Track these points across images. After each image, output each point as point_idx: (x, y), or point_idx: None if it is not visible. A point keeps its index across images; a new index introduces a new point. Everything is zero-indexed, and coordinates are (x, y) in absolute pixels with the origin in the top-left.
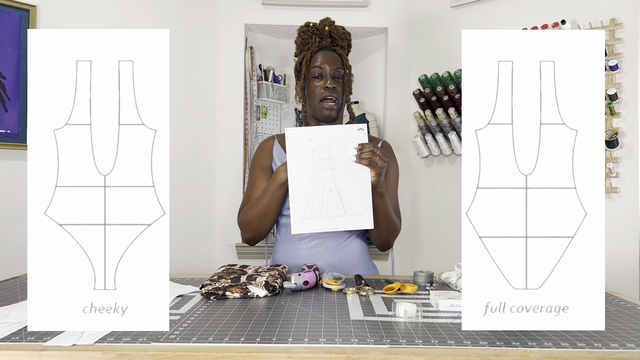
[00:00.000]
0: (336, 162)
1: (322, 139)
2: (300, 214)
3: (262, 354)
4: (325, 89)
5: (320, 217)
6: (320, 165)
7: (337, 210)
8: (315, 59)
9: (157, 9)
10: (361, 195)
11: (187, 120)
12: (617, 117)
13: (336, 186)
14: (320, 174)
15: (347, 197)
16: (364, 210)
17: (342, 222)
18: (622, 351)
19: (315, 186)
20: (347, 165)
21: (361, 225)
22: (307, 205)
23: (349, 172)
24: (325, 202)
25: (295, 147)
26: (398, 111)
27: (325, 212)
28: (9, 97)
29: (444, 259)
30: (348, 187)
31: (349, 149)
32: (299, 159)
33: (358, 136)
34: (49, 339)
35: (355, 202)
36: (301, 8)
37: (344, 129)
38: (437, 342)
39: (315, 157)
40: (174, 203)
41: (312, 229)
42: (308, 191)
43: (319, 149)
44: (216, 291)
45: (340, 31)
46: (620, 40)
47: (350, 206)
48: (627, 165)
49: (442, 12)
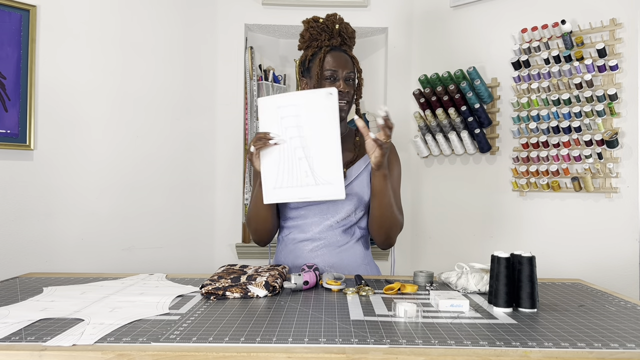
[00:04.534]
0: (305, 130)
1: (291, 106)
2: (271, 183)
3: (262, 354)
4: (339, 93)
5: (291, 187)
6: (289, 133)
7: (307, 179)
8: (328, 61)
9: (157, 9)
10: (331, 163)
11: (187, 120)
12: (617, 117)
13: (305, 154)
14: (289, 141)
15: (317, 166)
16: (335, 179)
17: (313, 192)
18: (622, 351)
19: (285, 154)
20: (316, 133)
21: (332, 194)
22: (278, 174)
23: (318, 139)
24: (295, 171)
25: (265, 115)
26: (398, 111)
27: (296, 181)
28: (9, 97)
29: (444, 259)
30: (317, 155)
31: (318, 115)
32: (269, 127)
33: (328, 101)
34: (49, 339)
35: (326, 170)
36: (301, 8)
37: (313, 94)
38: (437, 342)
39: (284, 124)
40: (174, 203)
41: (283, 198)
42: (278, 160)
43: (288, 116)
44: (216, 291)
45: (349, 30)
46: (620, 40)
47: (321, 175)
48: (627, 165)
49: (442, 12)
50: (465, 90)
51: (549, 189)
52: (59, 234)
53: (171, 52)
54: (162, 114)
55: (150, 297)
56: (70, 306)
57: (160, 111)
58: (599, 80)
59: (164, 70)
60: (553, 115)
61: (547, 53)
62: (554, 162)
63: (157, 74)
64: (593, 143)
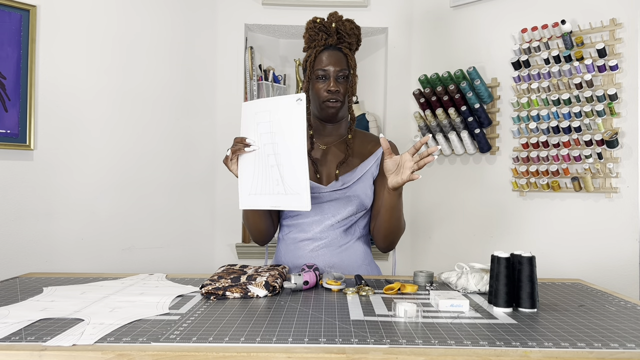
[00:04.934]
0: (277, 137)
1: (265, 112)
2: (247, 189)
3: (262, 354)
4: (328, 92)
5: (263, 194)
6: (263, 140)
7: (277, 187)
8: (320, 60)
9: (157, 9)
10: (298, 173)
11: (187, 120)
12: (617, 117)
13: (277, 162)
14: (263, 148)
15: (286, 174)
16: (301, 190)
17: (282, 201)
18: (622, 351)
19: (260, 161)
20: (285, 141)
21: (298, 206)
22: (253, 181)
23: (287, 147)
24: (268, 178)
25: (245, 122)
26: (398, 111)
27: (268, 188)
28: (9, 97)
29: (444, 259)
30: (287, 163)
31: (287, 122)
32: (246, 132)
33: (296, 108)
34: (49, 339)
35: (293, 180)
36: (301, 8)
37: (283, 101)
38: (437, 342)
39: (260, 130)
40: (174, 203)
41: (256, 204)
42: (253, 166)
43: (262, 122)
44: (216, 291)
45: (347, 27)
46: (620, 40)
47: (289, 184)
48: (627, 165)
49: (442, 12)
50: (465, 90)
51: (549, 189)
52: (59, 234)
53: (171, 52)
54: (162, 113)
55: (150, 297)
56: (70, 306)
57: (160, 111)
58: (599, 80)
59: (164, 70)
60: (553, 115)
61: (547, 53)
62: (554, 162)
63: (157, 74)
64: (593, 143)
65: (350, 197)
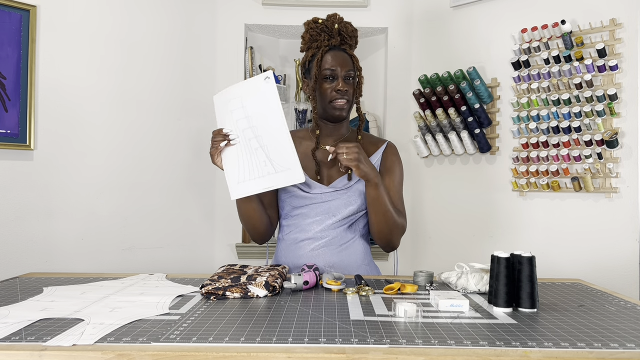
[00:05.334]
0: (253, 120)
1: (236, 99)
2: (235, 179)
3: (262, 354)
4: (337, 92)
5: (254, 178)
6: (240, 126)
7: (266, 168)
8: (326, 60)
9: (157, 9)
10: (284, 149)
11: (187, 120)
12: (617, 117)
13: (260, 144)
14: (242, 134)
15: (272, 153)
16: (291, 164)
17: (274, 180)
18: (622, 351)
19: (242, 148)
20: (264, 121)
21: (293, 179)
22: (239, 169)
23: (267, 127)
24: (254, 162)
25: (219, 113)
26: (398, 111)
27: (257, 172)
28: (9, 97)
29: (444, 259)
30: (270, 142)
31: (261, 102)
32: (223, 123)
33: (266, 87)
34: (49, 339)
35: (281, 156)
36: (301, 8)
37: (251, 83)
38: (437, 342)
39: (234, 117)
40: (174, 203)
41: (247, 191)
42: (236, 154)
43: (235, 109)
44: (216, 291)
45: (349, 28)
46: (620, 40)
47: (278, 162)
48: (627, 165)
49: (442, 12)
50: (465, 90)
51: (549, 189)
52: (59, 234)
53: (171, 52)
54: (162, 114)
55: (150, 297)
56: (70, 306)
57: (160, 111)
58: (598, 80)
59: (164, 70)
60: (553, 115)
61: (547, 53)
62: (553, 162)
63: (157, 74)
64: (593, 143)
65: (351, 196)
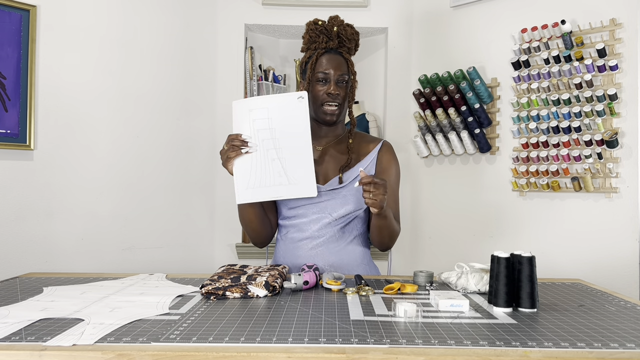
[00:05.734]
0: (277, 132)
1: (263, 109)
2: (244, 184)
3: (262, 354)
4: (328, 95)
5: (264, 186)
6: (261, 135)
7: (280, 178)
8: (321, 63)
9: (157, 10)
10: (303, 164)
11: (187, 120)
12: (617, 117)
13: (278, 156)
14: (261, 144)
15: (289, 166)
16: (307, 179)
17: (285, 191)
18: (622, 351)
19: (258, 156)
20: (288, 135)
21: (304, 193)
22: (250, 175)
23: (290, 142)
24: (268, 172)
25: (237, 119)
26: (398, 111)
27: (268, 180)
28: (9, 97)
29: (444, 259)
30: (290, 156)
31: (290, 118)
32: (240, 129)
33: (298, 105)
34: (49, 339)
35: (298, 170)
36: (301, 8)
37: (284, 98)
38: (437, 342)
39: (256, 127)
40: (174, 203)
41: (255, 197)
42: (250, 161)
43: (260, 119)
44: (216, 291)
45: (348, 32)
46: (620, 40)
47: (293, 175)
48: (627, 166)
49: (442, 12)
50: (465, 90)
51: (549, 189)
52: (59, 234)
53: (171, 52)
54: (162, 114)
55: (150, 297)
56: (70, 306)
57: (161, 111)
58: (598, 80)
59: (164, 70)
60: (553, 115)
61: (547, 53)
62: (554, 162)
63: (157, 74)
64: (593, 143)
65: (347, 195)
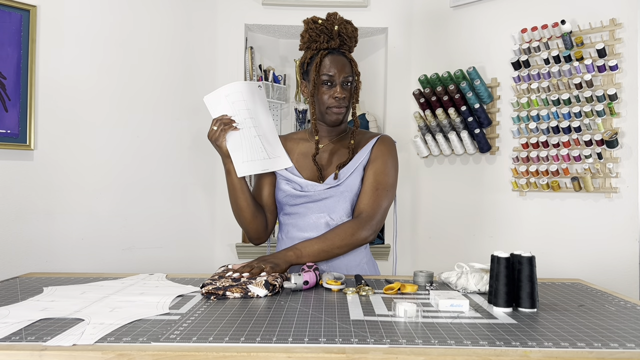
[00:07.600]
0: (252, 113)
1: (237, 93)
2: (240, 158)
3: (262, 354)
4: (335, 99)
5: (253, 160)
6: (242, 115)
7: (262, 153)
8: (325, 65)
9: (157, 10)
10: (274, 139)
11: (187, 120)
12: (617, 117)
13: (257, 133)
14: (244, 122)
15: (266, 142)
16: (280, 152)
17: (269, 164)
18: (622, 351)
19: (244, 133)
20: (259, 115)
21: (283, 165)
22: (243, 150)
23: (260, 121)
24: (254, 147)
25: (217, 108)
26: (398, 111)
27: (255, 155)
28: (9, 97)
29: (444, 259)
30: (264, 133)
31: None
32: (225, 113)
33: (259, 91)
34: (49, 338)
35: (274, 146)
36: (301, 8)
37: (248, 85)
38: (437, 342)
39: (236, 108)
40: (174, 203)
41: (250, 170)
42: (240, 137)
43: (237, 101)
44: (216, 291)
45: (349, 29)
46: (620, 40)
47: (270, 150)
48: (627, 166)
49: (442, 12)
50: (465, 90)
51: (548, 189)
52: (59, 234)
53: (171, 52)
54: (162, 114)
55: (150, 297)
56: (70, 306)
57: (161, 111)
58: (598, 80)
59: (164, 70)
60: (553, 115)
61: (547, 53)
62: (553, 162)
63: (158, 74)
64: (593, 143)
65: (344, 192)
